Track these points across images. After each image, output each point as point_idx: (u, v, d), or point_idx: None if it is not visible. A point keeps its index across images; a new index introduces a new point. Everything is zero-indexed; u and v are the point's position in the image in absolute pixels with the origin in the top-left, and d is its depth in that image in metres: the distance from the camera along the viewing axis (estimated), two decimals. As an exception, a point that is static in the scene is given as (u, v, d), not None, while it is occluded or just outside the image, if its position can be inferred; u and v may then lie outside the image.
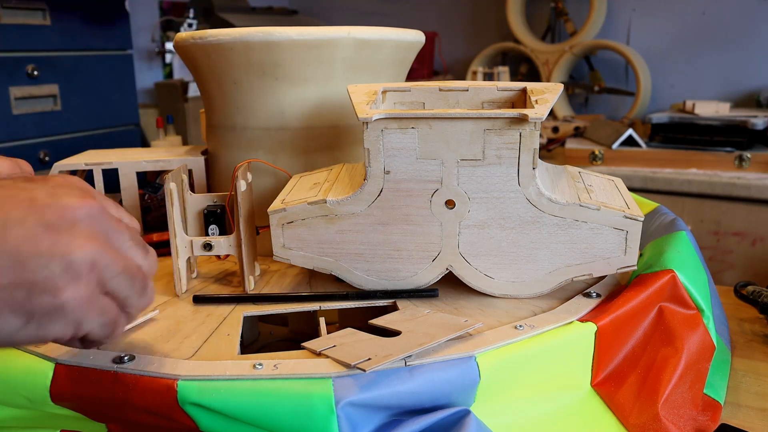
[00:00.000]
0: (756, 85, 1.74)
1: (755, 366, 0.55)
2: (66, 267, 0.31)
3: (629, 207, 0.49)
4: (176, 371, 0.39)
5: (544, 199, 0.48)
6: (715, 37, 1.78)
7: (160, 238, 0.64)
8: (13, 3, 1.55)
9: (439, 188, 0.48)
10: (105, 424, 0.42)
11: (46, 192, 0.32)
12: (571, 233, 0.48)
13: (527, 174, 0.47)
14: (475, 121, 0.46)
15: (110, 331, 0.35)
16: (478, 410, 0.40)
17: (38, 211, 0.31)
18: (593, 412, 0.44)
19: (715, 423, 0.45)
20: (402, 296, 0.51)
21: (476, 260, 0.50)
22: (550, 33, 2.04)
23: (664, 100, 1.84)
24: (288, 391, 0.37)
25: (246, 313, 0.49)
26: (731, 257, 1.35)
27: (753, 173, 1.33)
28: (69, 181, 0.34)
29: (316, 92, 0.60)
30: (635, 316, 0.47)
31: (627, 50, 1.79)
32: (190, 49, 0.60)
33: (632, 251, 0.49)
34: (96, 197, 0.34)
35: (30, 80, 1.62)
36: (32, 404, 0.42)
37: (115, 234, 0.35)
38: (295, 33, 0.56)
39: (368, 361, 0.39)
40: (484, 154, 0.47)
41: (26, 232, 0.31)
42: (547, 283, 0.50)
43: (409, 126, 0.47)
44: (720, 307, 0.61)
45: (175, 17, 2.30)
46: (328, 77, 0.59)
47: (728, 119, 1.40)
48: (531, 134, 0.46)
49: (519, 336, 0.43)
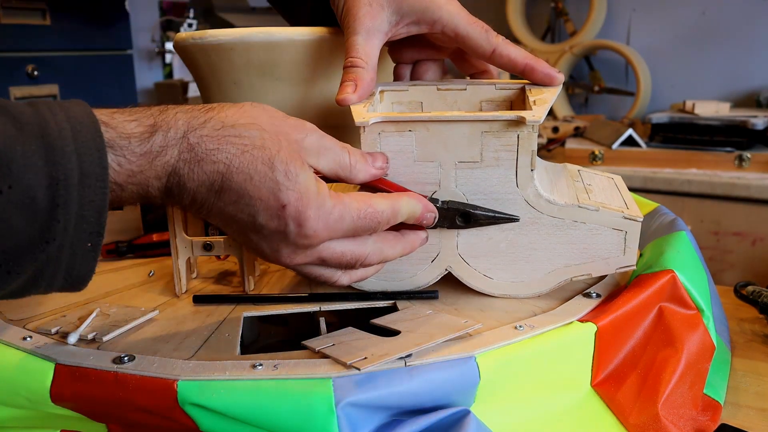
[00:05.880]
0: (756, 85, 1.74)
1: (755, 366, 0.55)
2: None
3: (628, 207, 0.49)
4: (176, 371, 0.39)
5: (542, 200, 0.48)
6: (715, 37, 1.78)
7: (160, 238, 0.64)
8: (13, 3, 1.55)
9: (437, 190, 0.48)
10: (105, 424, 0.42)
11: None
12: (569, 234, 0.48)
13: (525, 176, 0.47)
14: (473, 123, 0.46)
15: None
16: (478, 410, 0.40)
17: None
18: (593, 412, 0.44)
19: (715, 423, 0.45)
20: (402, 297, 0.51)
21: (475, 261, 0.50)
22: (550, 33, 2.03)
23: (664, 100, 1.84)
24: (288, 391, 0.37)
25: (246, 313, 0.49)
26: (731, 257, 1.35)
27: (753, 173, 1.33)
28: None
29: (316, 92, 0.59)
30: (635, 317, 0.47)
31: (627, 50, 1.79)
32: (190, 49, 0.60)
33: (631, 251, 0.49)
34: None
35: (30, 80, 1.62)
36: (32, 404, 0.42)
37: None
38: (295, 33, 0.56)
39: (364, 360, 0.39)
40: (482, 156, 0.47)
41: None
42: (547, 283, 0.50)
43: (407, 129, 0.47)
44: (720, 307, 0.61)
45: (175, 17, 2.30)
46: (328, 77, 0.59)
47: (728, 119, 1.40)
48: (529, 136, 0.46)
49: (519, 336, 0.43)
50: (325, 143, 0.43)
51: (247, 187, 0.38)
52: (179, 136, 0.38)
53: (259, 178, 0.38)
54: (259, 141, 0.39)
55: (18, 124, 0.33)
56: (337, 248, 0.43)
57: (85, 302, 0.52)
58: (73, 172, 0.33)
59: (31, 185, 0.32)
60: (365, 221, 0.42)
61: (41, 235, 0.33)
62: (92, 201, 0.34)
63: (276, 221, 0.39)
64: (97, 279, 0.39)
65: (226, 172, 0.38)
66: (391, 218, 0.43)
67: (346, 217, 0.41)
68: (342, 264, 0.44)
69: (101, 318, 0.48)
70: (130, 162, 0.36)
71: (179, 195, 0.39)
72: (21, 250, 0.33)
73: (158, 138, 0.37)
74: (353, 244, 0.43)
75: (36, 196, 0.32)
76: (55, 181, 0.33)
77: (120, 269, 0.61)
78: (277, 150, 0.39)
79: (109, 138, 0.35)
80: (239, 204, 0.39)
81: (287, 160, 0.39)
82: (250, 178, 0.38)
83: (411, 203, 0.45)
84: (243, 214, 0.39)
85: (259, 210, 0.39)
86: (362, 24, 0.51)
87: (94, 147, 0.34)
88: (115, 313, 0.49)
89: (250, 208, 0.39)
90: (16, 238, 0.32)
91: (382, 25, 0.51)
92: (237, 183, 0.38)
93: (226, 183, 0.38)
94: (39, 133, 0.33)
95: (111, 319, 0.48)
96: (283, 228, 0.40)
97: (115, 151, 0.36)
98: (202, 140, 0.38)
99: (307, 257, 0.42)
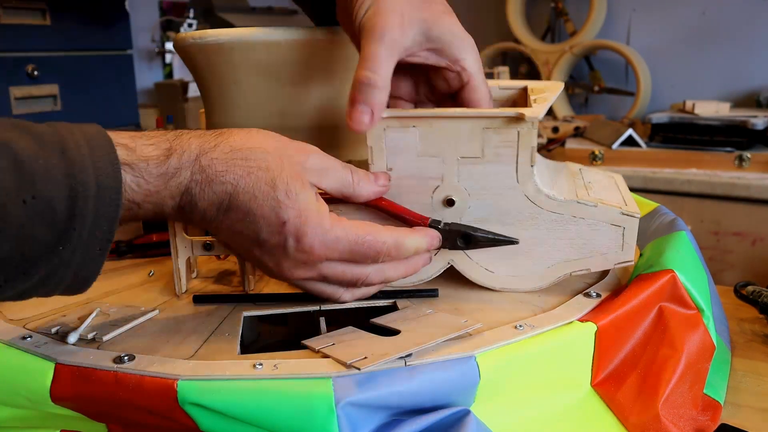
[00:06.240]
0: (756, 85, 1.74)
1: (755, 366, 0.55)
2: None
3: (627, 204, 0.50)
4: (176, 371, 0.39)
5: (542, 195, 0.49)
6: (715, 37, 1.78)
7: (160, 238, 0.64)
8: (13, 3, 1.56)
9: (440, 185, 0.49)
10: (105, 424, 0.42)
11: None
12: (569, 229, 0.49)
13: (525, 171, 0.48)
14: (474, 120, 0.47)
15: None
16: (478, 410, 0.40)
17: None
18: (593, 412, 0.44)
19: (715, 423, 0.45)
20: (402, 296, 0.51)
21: (477, 254, 0.51)
22: (550, 33, 2.04)
23: (664, 100, 1.84)
24: (288, 391, 0.37)
25: (246, 313, 0.49)
26: (731, 257, 1.35)
27: (753, 173, 1.33)
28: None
29: (316, 92, 0.59)
30: (635, 316, 0.47)
31: (627, 50, 1.79)
32: (190, 49, 0.60)
33: (629, 247, 0.49)
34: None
35: (30, 80, 1.62)
36: (32, 404, 0.42)
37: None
38: (295, 33, 0.56)
39: (364, 359, 0.39)
40: (484, 152, 0.48)
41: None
42: (546, 277, 0.51)
43: (410, 125, 0.48)
44: (720, 307, 0.61)
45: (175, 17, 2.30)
46: (328, 77, 0.59)
47: (728, 119, 1.39)
48: (529, 132, 0.47)
49: (519, 336, 0.43)
50: (327, 163, 0.45)
51: (251, 206, 0.41)
52: (192, 159, 0.41)
53: (262, 198, 0.41)
54: (263, 163, 0.42)
55: (40, 141, 0.35)
56: (338, 267, 0.44)
57: (85, 302, 0.52)
58: (90, 185, 0.36)
59: (52, 197, 0.35)
60: (363, 248, 0.43)
61: (58, 241, 0.36)
62: (106, 212, 0.37)
63: (277, 237, 0.42)
64: (97, 279, 0.39)
65: (233, 192, 0.41)
66: (393, 251, 0.45)
67: (342, 239, 0.43)
68: (344, 282, 0.45)
69: (101, 318, 0.48)
70: (147, 182, 0.39)
71: (191, 213, 0.42)
72: (38, 254, 0.35)
73: (173, 161, 0.40)
74: (354, 265, 0.45)
75: (56, 207, 0.35)
76: (75, 193, 0.35)
77: (120, 269, 0.61)
78: (280, 171, 0.42)
79: (130, 160, 0.39)
80: (244, 222, 0.42)
81: (288, 180, 0.42)
82: (254, 197, 0.41)
83: (416, 240, 0.46)
84: (248, 230, 0.42)
85: (262, 226, 0.42)
86: (390, 34, 0.46)
87: (108, 162, 0.37)
88: (115, 313, 0.49)
89: (254, 225, 0.42)
90: (36, 244, 0.35)
91: (406, 41, 0.48)
92: (242, 202, 0.41)
93: (233, 202, 0.41)
94: (59, 149, 0.36)
95: (111, 318, 0.48)
96: (283, 243, 0.42)
97: (135, 172, 0.39)
98: (213, 162, 0.41)
99: (308, 272, 0.44)
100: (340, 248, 0.43)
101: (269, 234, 0.42)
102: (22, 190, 0.34)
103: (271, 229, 0.42)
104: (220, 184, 0.41)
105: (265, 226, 0.42)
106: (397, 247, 0.45)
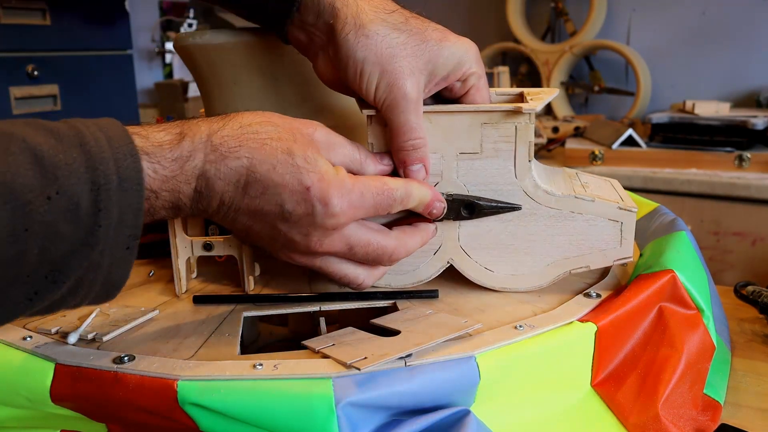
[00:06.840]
0: (756, 85, 1.74)
1: (755, 366, 0.55)
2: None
3: (623, 200, 0.50)
4: (176, 371, 0.39)
5: (540, 191, 0.49)
6: (715, 37, 1.78)
7: (160, 238, 0.64)
8: (13, 3, 1.56)
9: (440, 181, 0.49)
10: (105, 424, 0.42)
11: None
12: (567, 225, 0.50)
13: (523, 166, 0.49)
14: (473, 114, 0.48)
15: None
16: (478, 410, 0.40)
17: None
18: (593, 412, 0.44)
19: (715, 423, 0.45)
20: (402, 297, 0.51)
21: (476, 253, 0.51)
22: (550, 33, 2.03)
23: (664, 100, 1.84)
24: (288, 391, 0.37)
25: (246, 313, 0.49)
26: (731, 257, 1.35)
27: (753, 173, 1.33)
28: None
29: (316, 92, 0.59)
30: (635, 316, 0.47)
31: (627, 50, 1.79)
32: (189, 49, 0.60)
33: (627, 242, 0.50)
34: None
35: (30, 80, 1.62)
36: (32, 404, 0.42)
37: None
38: (295, 33, 0.56)
39: (364, 360, 0.39)
40: (482, 147, 0.49)
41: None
42: (546, 275, 0.51)
43: None
44: (720, 307, 0.61)
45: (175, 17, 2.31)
46: (328, 77, 0.59)
47: (728, 119, 1.39)
48: (526, 127, 0.48)
49: (519, 336, 0.43)
50: (333, 139, 0.45)
51: (272, 176, 0.41)
52: (203, 139, 0.41)
53: (281, 166, 0.41)
54: (275, 134, 0.42)
55: (57, 137, 0.35)
56: (362, 235, 0.44)
57: (85, 302, 0.52)
58: (112, 177, 0.35)
59: (75, 191, 0.34)
60: (383, 197, 0.44)
61: (85, 240, 0.35)
62: (130, 204, 0.36)
63: (303, 205, 0.41)
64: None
65: (249, 166, 0.41)
66: (405, 198, 0.45)
67: (366, 194, 0.43)
68: (369, 254, 0.45)
69: (101, 318, 0.48)
70: (164, 168, 0.39)
71: (208, 197, 0.41)
72: (66, 258, 0.34)
73: (186, 143, 0.40)
74: (377, 234, 0.45)
75: (80, 202, 0.34)
76: (97, 186, 0.35)
77: (120, 269, 0.61)
78: (293, 140, 0.42)
79: (144, 146, 0.38)
80: (266, 195, 0.41)
81: (303, 147, 0.42)
82: (273, 167, 0.41)
83: (422, 189, 0.47)
84: (270, 204, 0.41)
85: (286, 197, 0.41)
86: (412, 102, 0.46)
87: (128, 152, 0.36)
88: (115, 313, 0.49)
89: (277, 197, 0.41)
90: (63, 245, 0.34)
91: (422, 89, 0.48)
92: (261, 174, 0.41)
93: (251, 176, 0.41)
94: (77, 143, 0.35)
95: (111, 318, 0.48)
96: (311, 210, 0.41)
97: (150, 158, 0.38)
98: (224, 140, 0.41)
99: (336, 242, 0.44)
100: (366, 204, 0.43)
101: (295, 204, 0.41)
102: (45, 186, 0.33)
103: (296, 197, 0.41)
104: (235, 159, 0.40)
105: (289, 195, 0.41)
106: (407, 192, 0.45)
